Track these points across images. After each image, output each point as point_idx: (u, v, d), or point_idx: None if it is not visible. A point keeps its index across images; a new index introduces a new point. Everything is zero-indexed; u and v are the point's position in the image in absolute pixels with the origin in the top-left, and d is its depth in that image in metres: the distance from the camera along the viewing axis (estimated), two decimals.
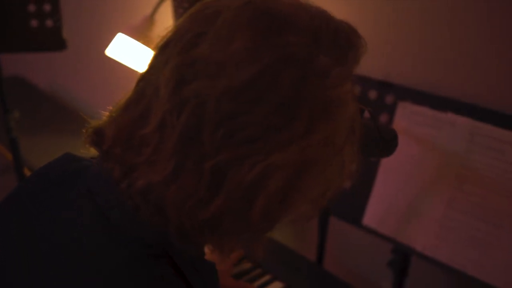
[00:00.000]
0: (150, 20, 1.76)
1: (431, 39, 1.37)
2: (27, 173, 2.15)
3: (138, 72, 0.65)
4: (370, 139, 0.93)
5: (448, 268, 1.24)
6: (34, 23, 1.74)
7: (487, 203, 1.20)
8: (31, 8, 1.72)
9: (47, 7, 1.73)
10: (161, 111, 0.56)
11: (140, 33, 1.75)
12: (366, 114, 0.94)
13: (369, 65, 1.50)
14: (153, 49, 0.63)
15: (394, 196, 1.34)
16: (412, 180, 1.31)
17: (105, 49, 1.84)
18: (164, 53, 0.60)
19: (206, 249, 1.38)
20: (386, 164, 1.36)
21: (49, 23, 1.74)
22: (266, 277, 1.32)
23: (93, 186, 0.65)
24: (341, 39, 0.60)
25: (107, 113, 0.66)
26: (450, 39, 1.33)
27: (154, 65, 0.62)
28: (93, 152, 0.68)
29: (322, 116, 0.56)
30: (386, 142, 0.95)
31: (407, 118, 1.33)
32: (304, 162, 0.57)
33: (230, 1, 0.58)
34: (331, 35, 0.59)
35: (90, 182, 0.66)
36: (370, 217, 1.38)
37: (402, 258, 1.40)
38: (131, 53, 1.76)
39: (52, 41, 1.76)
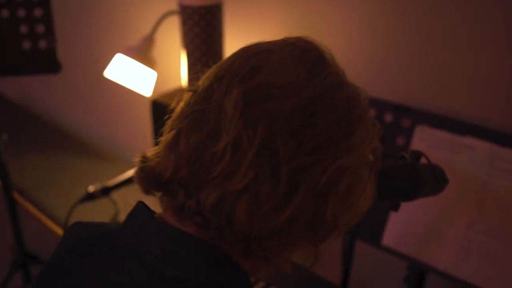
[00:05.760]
0: (149, 40, 1.72)
1: (448, 63, 1.40)
2: (17, 196, 2.08)
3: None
4: (426, 180, 0.97)
5: (470, 286, 1.29)
6: (26, 45, 1.67)
7: (507, 225, 1.26)
8: (23, 29, 1.65)
9: (40, 28, 1.67)
10: (235, 128, 0.63)
11: (140, 54, 1.71)
12: (424, 159, 0.98)
13: (386, 88, 1.52)
14: (191, 85, 0.71)
15: (414, 217, 1.38)
16: (432, 203, 1.35)
17: (103, 70, 1.79)
18: (221, 84, 0.67)
19: None
20: None
21: (42, 44, 1.68)
22: None
23: (139, 244, 0.67)
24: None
25: (152, 153, 0.70)
26: (468, 64, 1.37)
27: (208, 95, 0.67)
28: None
29: (367, 132, 0.69)
30: (439, 180, 1.00)
31: (425, 142, 1.37)
32: (360, 168, 0.67)
33: (272, 44, 0.70)
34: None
35: (135, 241, 0.68)
36: (389, 237, 1.42)
37: (418, 274, 1.44)
38: (131, 74, 1.72)
39: (46, 63, 1.69)
